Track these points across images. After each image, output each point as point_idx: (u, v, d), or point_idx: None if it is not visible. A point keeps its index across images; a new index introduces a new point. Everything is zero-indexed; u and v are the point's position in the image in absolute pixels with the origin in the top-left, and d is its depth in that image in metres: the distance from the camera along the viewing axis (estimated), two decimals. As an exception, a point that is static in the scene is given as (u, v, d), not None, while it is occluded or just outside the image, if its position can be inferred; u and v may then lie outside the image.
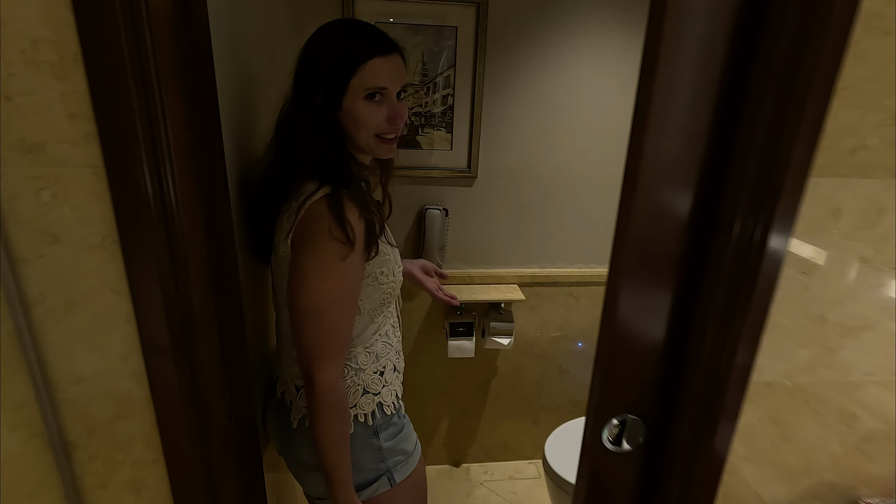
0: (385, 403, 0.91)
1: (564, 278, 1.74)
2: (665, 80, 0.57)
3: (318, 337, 0.78)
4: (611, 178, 1.65)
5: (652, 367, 0.71)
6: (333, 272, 0.76)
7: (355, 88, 0.79)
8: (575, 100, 1.55)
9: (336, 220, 0.74)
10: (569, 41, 1.49)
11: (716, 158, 0.61)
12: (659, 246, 0.65)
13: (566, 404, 1.95)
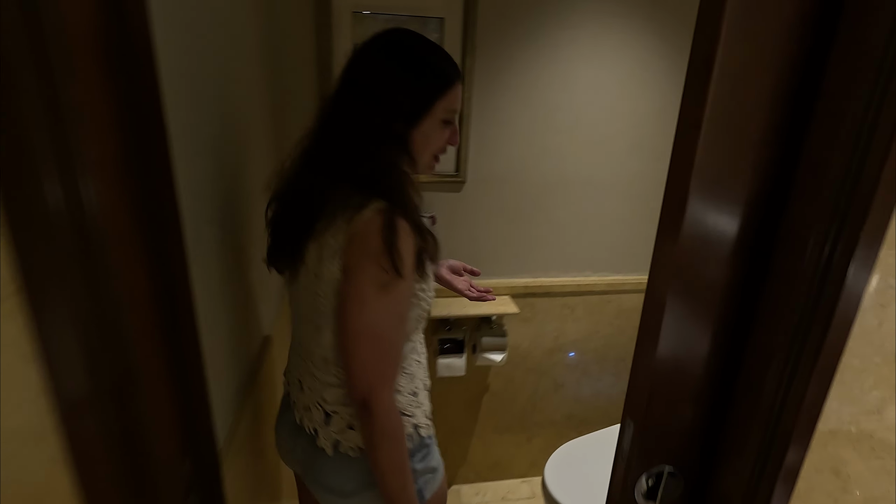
0: (420, 425, 0.88)
1: (559, 288, 1.64)
2: (724, 74, 0.46)
3: (376, 360, 0.75)
4: (607, 183, 1.56)
5: (694, 413, 0.61)
6: (391, 291, 0.73)
7: (439, 110, 0.79)
8: (570, 98, 1.45)
9: (386, 243, 0.70)
10: (564, 35, 1.38)
11: (780, 167, 0.50)
12: (706, 271, 0.54)
13: (561, 419, 1.85)
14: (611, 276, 1.68)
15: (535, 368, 1.74)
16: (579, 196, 1.56)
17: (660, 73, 1.47)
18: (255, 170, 1.13)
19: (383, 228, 0.70)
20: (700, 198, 0.50)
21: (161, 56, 0.50)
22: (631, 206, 1.61)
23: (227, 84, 0.87)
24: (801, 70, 0.47)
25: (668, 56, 1.45)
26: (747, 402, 0.57)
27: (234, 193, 0.93)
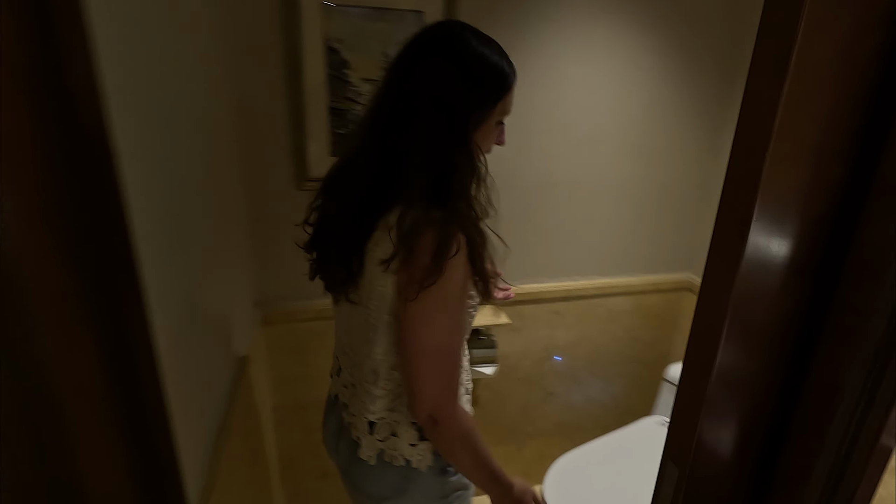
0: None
1: (548, 294, 1.57)
2: (800, 81, 0.39)
3: (442, 376, 0.74)
4: (594, 184, 1.50)
5: (745, 453, 0.55)
6: (450, 306, 0.72)
7: (497, 113, 0.78)
8: (556, 97, 1.38)
9: (439, 258, 0.67)
10: (549, 28, 1.31)
11: (852, 185, 0.44)
12: (766, 300, 0.47)
13: (552, 428, 1.80)
14: (600, 280, 1.63)
15: (526, 378, 1.68)
16: (567, 199, 1.50)
17: (650, 69, 1.42)
18: (221, 180, 1.00)
19: (439, 243, 0.67)
20: (764, 221, 0.43)
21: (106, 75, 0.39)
22: (618, 207, 1.56)
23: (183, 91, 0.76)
24: (883, 68, 0.41)
25: (658, 51, 1.40)
26: (808, 438, 0.51)
27: (197, 207, 0.81)
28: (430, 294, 0.68)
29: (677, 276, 1.71)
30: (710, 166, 1.59)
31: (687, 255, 1.70)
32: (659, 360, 1.82)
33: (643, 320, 1.73)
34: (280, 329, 1.37)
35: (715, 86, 1.49)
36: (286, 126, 1.21)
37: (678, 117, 1.50)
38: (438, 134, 0.71)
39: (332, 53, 1.17)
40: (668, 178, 1.56)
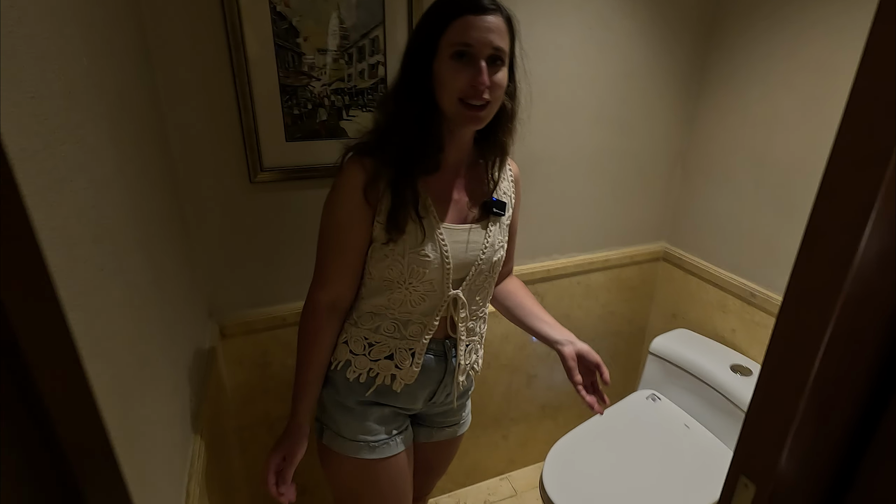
0: (353, 368, 0.91)
1: (528, 276, 1.50)
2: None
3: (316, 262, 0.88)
4: (571, 158, 1.43)
5: (827, 466, 0.49)
6: (324, 212, 0.86)
7: (444, 47, 0.76)
8: (531, 65, 1.26)
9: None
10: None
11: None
12: (875, 301, 0.40)
13: (535, 411, 1.76)
14: (579, 257, 1.57)
15: (508, 365, 1.62)
16: (545, 175, 1.41)
17: (622, 34, 1.34)
18: (152, 178, 0.83)
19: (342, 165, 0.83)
20: (887, 205, 0.35)
21: None
22: (594, 181, 1.50)
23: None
24: None
25: (631, 15, 1.32)
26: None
27: (122, 219, 0.65)
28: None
29: (652, 247, 1.69)
30: (681, 133, 1.55)
31: (660, 224, 1.68)
32: (636, 332, 1.82)
33: (620, 293, 1.70)
34: (240, 342, 1.21)
35: (687, 49, 1.43)
36: (229, 110, 1.03)
37: (649, 84, 1.44)
38: (397, 83, 0.81)
39: (279, 20, 0.99)
40: (640, 148, 1.51)
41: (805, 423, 0.44)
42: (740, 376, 1.36)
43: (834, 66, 1.14)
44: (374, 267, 0.86)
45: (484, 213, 0.89)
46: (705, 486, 1.24)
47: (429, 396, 0.97)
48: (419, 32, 0.79)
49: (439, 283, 0.86)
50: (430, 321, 0.89)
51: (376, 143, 0.81)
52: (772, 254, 1.36)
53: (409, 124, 0.79)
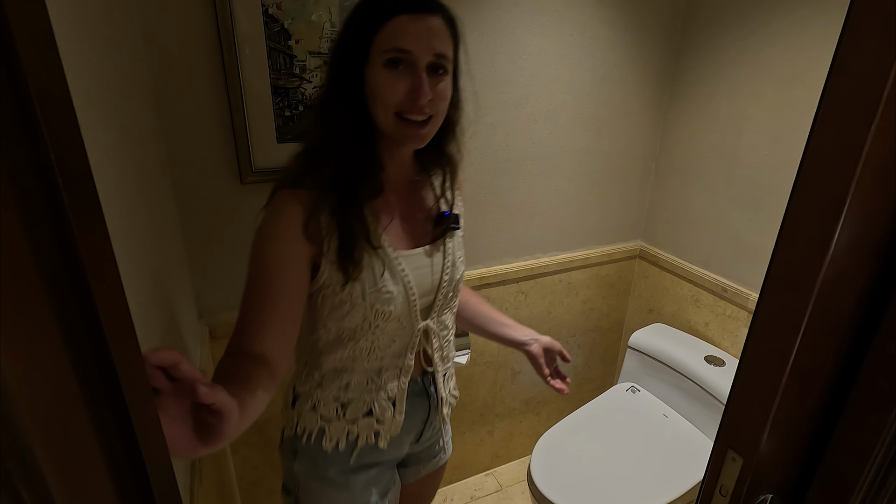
0: (329, 436, 0.80)
1: (513, 274, 1.54)
2: None
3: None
4: (552, 159, 1.48)
5: (806, 438, 0.54)
6: (253, 276, 0.68)
7: (375, 52, 0.65)
8: (515, 70, 1.31)
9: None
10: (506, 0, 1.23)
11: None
12: (846, 285, 0.45)
13: (519, 406, 1.80)
14: (560, 256, 1.62)
15: (493, 361, 1.65)
16: (528, 175, 1.46)
17: (600, 39, 1.39)
18: (149, 176, 0.83)
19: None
20: (860, 197, 0.40)
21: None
22: (574, 182, 1.55)
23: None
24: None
25: (608, 21, 1.38)
26: (872, 413, 0.50)
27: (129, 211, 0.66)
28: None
29: (629, 245, 1.75)
30: (655, 135, 1.63)
31: (636, 223, 1.75)
32: (614, 327, 1.88)
33: (598, 290, 1.77)
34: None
35: (661, 55, 1.50)
36: (221, 111, 1.03)
37: (626, 88, 1.50)
38: (323, 97, 0.70)
39: (271, 22, 1.00)
40: (618, 149, 1.58)
41: (787, 397, 0.49)
42: (714, 367, 1.43)
43: (795, 74, 1.22)
44: (329, 319, 0.74)
45: (438, 231, 0.79)
46: (685, 470, 1.30)
47: (415, 438, 0.89)
48: (346, 33, 0.67)
49: (407, 317, 0.76)
50: (404, 362, 0.80)
51: (308, 169, 0.69)
52: (742, 250, 1.44)
53: (342, 143, 0.68)
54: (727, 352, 1.51)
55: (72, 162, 0.23)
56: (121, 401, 0.26)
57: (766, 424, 0.50)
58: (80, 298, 0.22)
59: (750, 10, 1.30)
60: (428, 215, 0.80)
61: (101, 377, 0.24)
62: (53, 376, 0.20)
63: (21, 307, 0.18)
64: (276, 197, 0.69)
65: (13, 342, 0.16)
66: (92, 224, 0.24)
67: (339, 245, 0.68)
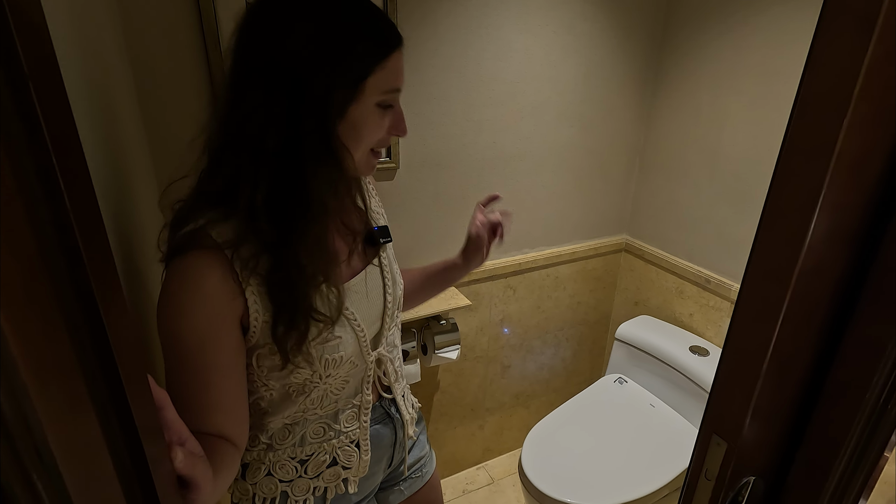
0: (294, 498, 0.72)
1: (501, 270, 1.56)
2: (882, 41, 0.37)
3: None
4: (538, 155, 1.49)
5: (788, 420, 0.56)
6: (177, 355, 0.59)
7: (371, 91, 0.57)
8: (501, 68, 1.32)
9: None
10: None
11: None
12: (823, 273, 0.47)
13: (509, 400, 1.82)
14: (547, 250, 1.64)
15: (483, 356, 1.67)
16: (515, 171, 1.47)
17: (584, 37, 1.41)
18: (135, 179, 0.82)
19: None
20: (833, 189, 0.42)
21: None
22: (560, 177, 1.57)
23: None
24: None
25: (592, 19, 1.40)
26: (847, 397, 0.53)
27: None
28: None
29: (614, 239, 1.78)
30: (639, 130, 1.65)
31: (621, 217, 1.77)
32: (601, 320, 1.91)
33: (586, 284, 1.79)
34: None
35: (643, 52, 1.53)
36: (206, 112, 1.02)
37: (609, 84, 1.52)
38: (277, 122, 0.54)
39: (256, 20, 1.00)
40: (602, 144, 1.60)
41: (768, 383, 0.51)
42: (698, 357, 1.47)
43: (774, 70, 1.25)
44: (269, 378, 0.64)
45: (370, 248, 0.73)
46: (672, 458, 1.33)
47: (387, 465, 0.84)
48: (333, 62, 0.54)
49: (358, 355, 0.70)
50: (361, 399, 0.73)
51: (237, 225, 0.57)
52: (724, 242, 1.47)
53: (314, 189, 0.57)
54: (711, 342, 1.54)
55: (78, 189, 0.24)
56: (125, 404, 0.26)
57: (749, 409, 0.52)
58: (89, 310, 0.23)
59: (729, 7, 1.33)
60: (354, 232, 0.71)
61: (108, 382, 0.25)
62: (64, 379, 0.20)
63: (36, 316, 0.18)
64: (193, 255, 0.55)
65: (30, 347, 0.17)
66: (99, 243, 0.25)
67: (275, 314, 0.59)
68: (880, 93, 0.40)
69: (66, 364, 0.19)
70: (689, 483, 0.61)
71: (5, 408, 0.15)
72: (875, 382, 0.50)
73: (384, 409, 0.80)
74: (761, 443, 0.56)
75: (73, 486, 0.18)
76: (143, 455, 0.27)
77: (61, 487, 0.17)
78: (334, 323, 0.63)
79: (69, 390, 0.19)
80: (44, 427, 0.16)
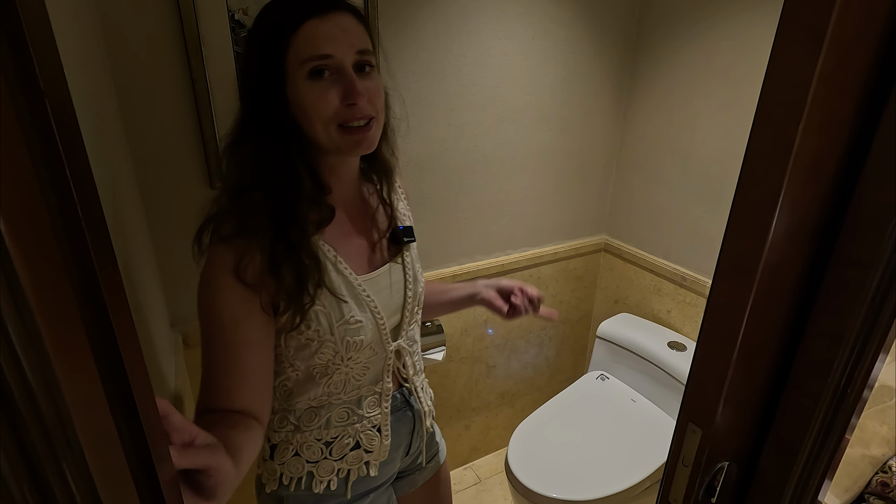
0: (319, 478, 0.77)
1: (485, 271, 1.58)
2: (833, 52, 0.41)
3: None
4: (519, 157, 1.52)
5: (758, 407, 0.59)
6: (211, 330, 0.66)
7: (293, 68, 0.60)
8: (481, 72, 1.35)
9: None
10: (470, 3, 1.26)
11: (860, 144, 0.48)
12: (786, 267, 0.51)
13: (495, 399, 1.85)
14: (530, 251, 1.68)
15: (468, 357, 1.69)
16: (496, 174, 1.50)
17: (561, 42, 1.45)
18: (118, 179, 0.82)
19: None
20: (792, 188, 0.45)
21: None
22: (541, 179, 1.60)
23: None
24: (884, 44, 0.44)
25: (569, 25, 1.44)
26: (814, 382, 0.56)
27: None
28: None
29: (594, 239, 1.82)
30: (616, 133, 1.70)
31: (600, 218, 1.82)
32: (583, 318, 1.95)
33: (567, 283, 1.83)
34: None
35: (618, 56, 1.57)
36: (189, 116, 1.03)
37: (586, 88, 1.56)
38: (243, 119, 0.64)
39: (238, 28, 1.01)
40: (581, 146, 1.64)
41: (738, 372, 0.54)
42: (676, 352, 1.52)
43: (741, 75, 1.31)
44: (296, 358, 0.70)
45: (394, 246, 0.78)
46: (653, 450, 1.37)
47: (405, 452, 0.88)
48: (253, 53, 0.62)
49: (378, 343, 0.74)
50: (382, 386, 0.78)
51: (236, 209, 0.63)
52: (698, 240, 1.52)
53: (277, 175, 0.63)
54: (688, 337, 1.59)
55: (82, 182, 0.25)
56: (132, 405, 0.27)
57: (721, 397, 0.55)
58: (98, 312, 0.24)
59: (697, 15, 1.38)
60: (380, 230, 0.77)
61: (116, 383, 0.26)
62: (85, 380, 0.22)
63: (64, 325, 0.20)
64: (210, 251, 0.63)
65: (60, 355, 0.18)
66: (104, 247, 0.26)
67: (290, 288, 0.64)
68: (832, 99, 0.43)
69: (86, 363, 0.20)
70: (668, 471, 0.64)
71: (41, 401, 0.16)
72: (835, 369, 0.54)
73: (404, 398, 0.84)
74: (734, 429, 0.59)
75: (98, 474, 0.19)
76: (149, 451, 0.28)
77: (87, 475, 0.19)
78: (350, 301, 0.70)
79: (90, 388, 0.20)
80: (73, 419, 0.17)
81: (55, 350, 0.17)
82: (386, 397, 0.79)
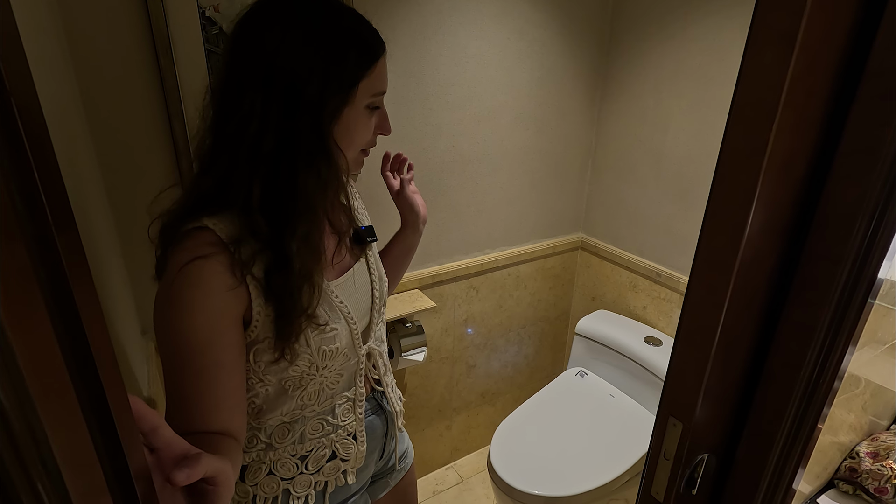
0: (295, 495, 0.74)
1: (464, 271, 1.58)
2: (804, 55, 0.42)
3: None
4: (495, 157, 1.53)
5: (735, 400, 0.61)
6: (179, 353, 0.61)
7: (363, 95, 0.63)
8: (457, 72, 1.35)
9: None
10: (446, 3, 1.26)
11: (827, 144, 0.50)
12: (760, 263, 0.52)
13: (475, 399, 1.85)
14: (508, 250, 1.69)
15: (449, 357, 1.69)
16: (473, 174, 1.50)
17: (536, 43, 1.46)
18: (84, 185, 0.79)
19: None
20: (766, 187, 0.47)
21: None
22: (518, 179, 1.61)
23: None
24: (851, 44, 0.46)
25: (543, 26, 1.45)
26: (787, 375, 0.58)
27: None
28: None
29: (571, 237, 1.85)
30: (590, 132, 1.72)
31: (576, 216, 1.84)
32: (561, 316, 1.98)
33: (545, 282, 1.85)
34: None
35: (592, 57, 1.60)
36: (159, 118, 0.99)
37: (561, 88, 1.58)
38: (274, 125, 0.58)
39: (209, 25, 0.98)
40: (556, 146, 1.66)
41: (716, 365, 0.55)
42: (653, 347, 1.55)
43: (711, 75, 1.34)
44: (266, 372, 0.66)
45: (357, 247, 0.78)
46: (632, 444, 1.39)
47: (379, 455, 0.87)
48: (326, 70, 0.58)
49: (350, 348, 0.73)
50: (355, 392, 0.77)
51: (240, 225, 0.60)
52: (671, 237, 1.56)
53: (323, 197, 0.62)
54: (663, 332, 1.63)
55: (51, 185, 0.24)
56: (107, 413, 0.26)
57: (701, 390, 0.56)
58: (69, 320, 0.23)
59: (668, 17, 1.42)
60: (342, 233, 0.74)
61: (91, 398, 0.25)
62: (60, 396, 0.20)
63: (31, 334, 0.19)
64: (191, 259, 0.56)
65: (34, 372, 0.17)
66: (73, 245, 0.25)
67: (277, 311, 0.61)
68: (803, 100, 0.45)
69: (61, 377, 0.19)
70: (650, 464, 0.65)
71: (12, 417, 0.15)
72: (807, 361, 0.55)
73: (377, 401, 0.84)
74: (713, 421, 0.60)
75: (75, 493, 0.18)
76: (127, 467, 0.27)
77: (64, 494, 0.18)
78: (326, 307, 0.67)
79: (66, 403, 0.19)
80: (49, 438, 0.16)
81: (27, 368, 0.16)
82: (360, 402, 0.78)
